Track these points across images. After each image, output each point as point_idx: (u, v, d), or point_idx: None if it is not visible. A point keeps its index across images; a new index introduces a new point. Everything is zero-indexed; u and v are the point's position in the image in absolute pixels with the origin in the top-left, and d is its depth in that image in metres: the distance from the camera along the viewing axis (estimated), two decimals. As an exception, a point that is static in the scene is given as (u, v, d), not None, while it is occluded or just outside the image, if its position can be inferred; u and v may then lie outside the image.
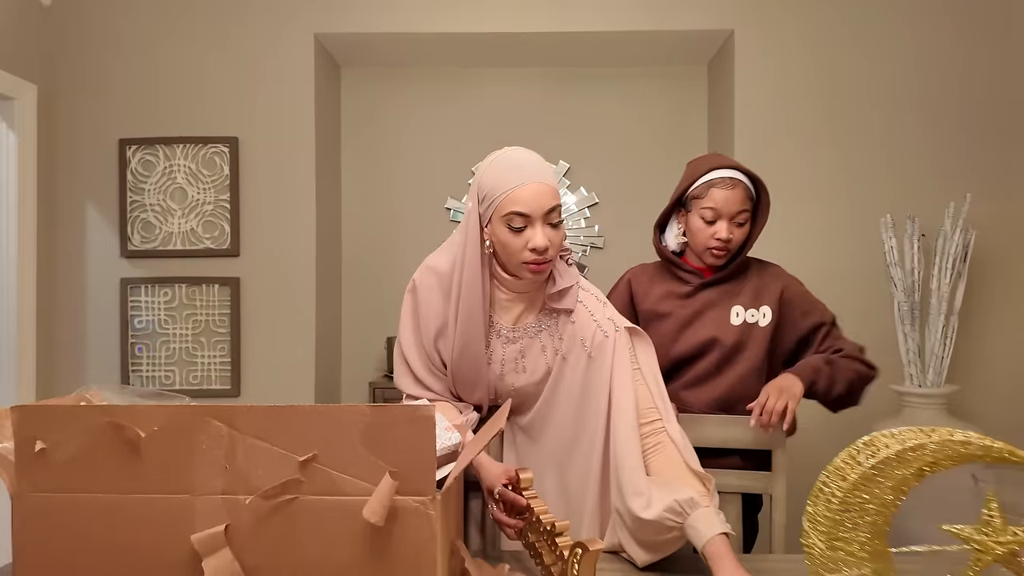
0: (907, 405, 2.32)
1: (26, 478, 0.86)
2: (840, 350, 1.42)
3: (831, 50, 2.56)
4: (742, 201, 1.39)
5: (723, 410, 1.43)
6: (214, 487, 0.84)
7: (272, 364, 2.64)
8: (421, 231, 3.03)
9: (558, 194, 1.14)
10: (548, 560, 0.98)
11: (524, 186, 1.09)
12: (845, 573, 0.65)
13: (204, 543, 0.82)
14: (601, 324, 1.19)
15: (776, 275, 1.50)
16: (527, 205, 1.09)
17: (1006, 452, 0.59)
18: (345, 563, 0.82)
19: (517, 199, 1.09)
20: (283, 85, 2.63)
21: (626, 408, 1.13)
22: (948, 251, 2.27)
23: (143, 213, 2.63)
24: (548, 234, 1.11)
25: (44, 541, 0.86)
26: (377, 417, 0.82)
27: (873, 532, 0.65)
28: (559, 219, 1.14)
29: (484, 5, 2.61)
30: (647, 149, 2.99)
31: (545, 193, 1.10)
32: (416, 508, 0.82)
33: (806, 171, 2.57)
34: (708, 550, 0.93)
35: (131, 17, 2.63)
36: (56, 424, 0.86)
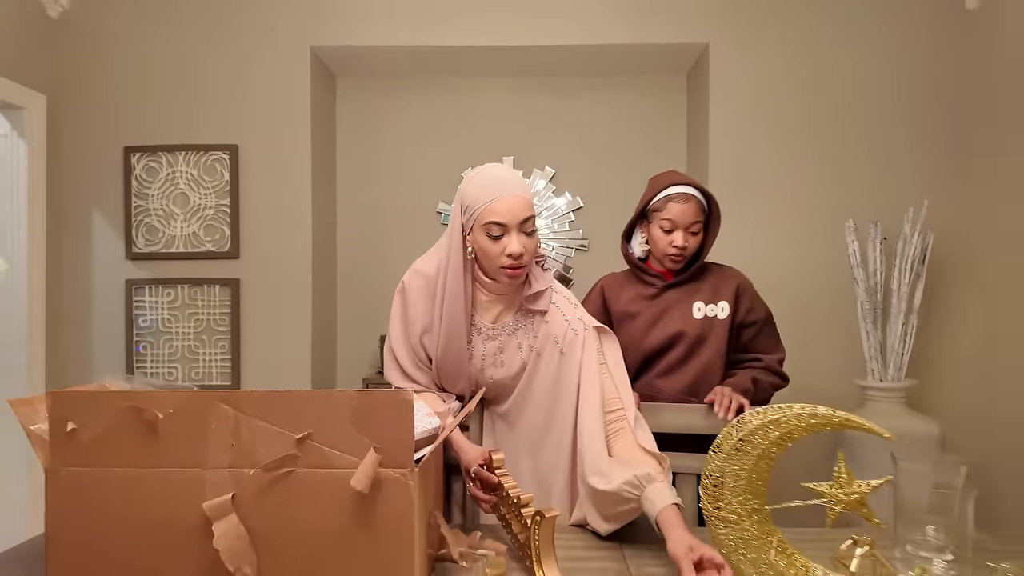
0: (869, 399, 2.46)
1: (59, 455, 0.99)
2: (760, 359, 1.62)
3: (799, 66, 2.70)
4: (695, 213, 1.54)
5: (692, 394, 1.59)
6: (222, 461, 0.97)
7: (270, 361, 2.77)
8: (413, 233, 3.16)
9: (532, 206, 1.27)
10: (516, 529, 1.11)
11: (502, 199, 1.23)
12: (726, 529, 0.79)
13: (214, 510, 0.95)
14: (572, 323, 1.32)
15: (731, 275, 1.65)
16: (504, 215, 1.22)
17: (845, 419, 0.73)
18: (335, 526, 0.95)
19: (495, 210, 1.22)
20: (281, 95, 2.76)
21: (592, 398, 1.26)
22: (908, 253, 2.41)
23: (147, 217, 2.76)
24: (523, 241, 1.24)
25: (74, 509, 0.99)
26: (363, 401, 0.96)
27: (750, 493, 0.79)
28: (533, 228, 1.27)
29: (475, 19, 2.74)
30: (630, 155, 3.13)
31: (520, 205, 1.24)
32: (396, 479, 0.95)
33: (776, 177, 2.71)
34: (660, 518, 1.06)
35: (135, 30, 2.76)
36: (85, 407, 1.00)
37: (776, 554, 0.86)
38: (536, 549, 1.01)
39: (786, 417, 0.80)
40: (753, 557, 0.86)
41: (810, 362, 2.64)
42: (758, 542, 0.86)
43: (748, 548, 0.86)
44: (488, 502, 1.20)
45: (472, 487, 1.22)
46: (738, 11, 2.70)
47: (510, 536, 1.14)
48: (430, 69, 3.06)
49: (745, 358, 1.64)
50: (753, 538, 0.86)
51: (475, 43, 2.76)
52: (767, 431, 0.82)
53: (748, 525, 0.85)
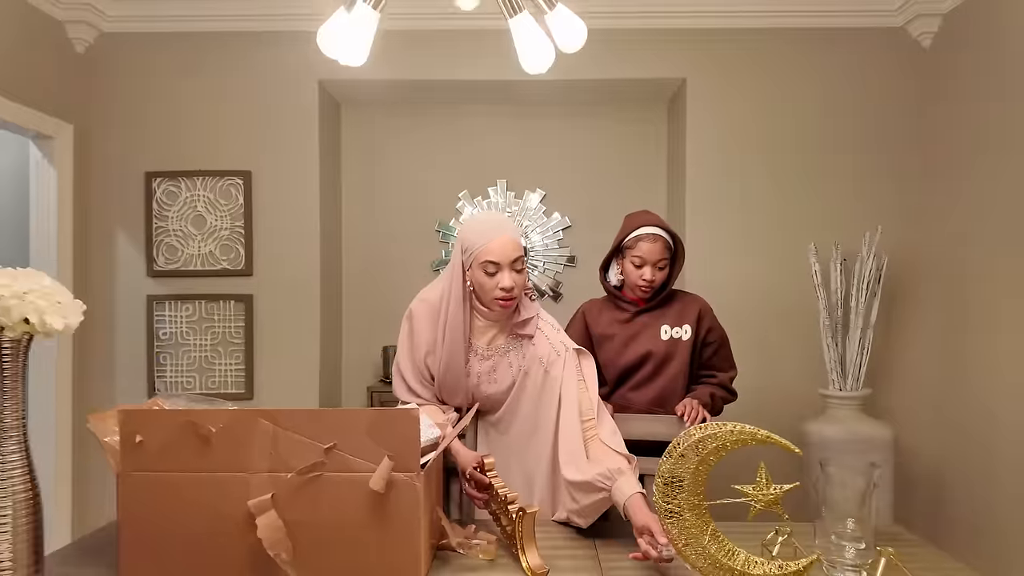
0: (830, 406, 2.69)
1: (128, 461, 1.21)
2: (715, 376, 1.86)
3: (768, 103, 2.93)
4: (662, 251, 1.78)
5: (659, 405, 1.83)
6: (263, 467, 1.19)
7: (282, 371, 2.99)
8: (413, 251, 3.38)
9: (521, 246, 1.50)
10: (504, 522, 1.34)
11: (495, 241, 1.45)
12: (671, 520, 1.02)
13: (257, 506, 1.17)
14: (555, 346, 1.55)
15: (694, 301, 1.89)
16: (498, 255, 1.45)
17: (766, 437, 0.95)
18: (355, 520, 1.17)
19: (491, 250, 1.45)
20: (291, 125, 2.98)
21: (571, 408, 1.49)
22: (864, 274, 2.65)
23: (167, 237, 2.98)
24: (513, 277, 1.47)
25: (141, 507, 1.21)
26: (378, 417, 1.18)
27: (691, 492, 1.01)
28: (522, 266, 1.50)
29: (471, 57, 2.96)
30: (614, 178, 3.36)
31: (511, 246, 1.47)
32: (406, 481, 1.17)
33: (748, 202, 2.94)
34: (628, 503, 1.26)
35: (156, 64, 2.97)
36: (150, 422, 1.22)
37: (709, 540, 1.08)
38: (520, 539, 1.23)
39: (720, 432, 1.02)
40: (693, 543, 1.08)
41: (777, 372, 2.88)
42: (697, 531, 1.08)
43: (689, 536, 1.08)
44: (481, 499, 1.42)
45: (467, 487, 1.45)
46: (712, 51, 2.93)
47: (500, 529, 1.37)
48: (429, 99, 3.29)
49: (702, 374, 1.88)
50: (693, 527, 1.08)
51: (471, 78, 2.98)
52: (706, 443, 1.04)
53: (689, 517, 1.07)
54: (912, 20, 2.84)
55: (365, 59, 1.15)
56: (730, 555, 1.07)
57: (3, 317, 1.08)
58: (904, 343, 2.89)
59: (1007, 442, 2.41)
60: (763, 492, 0.98)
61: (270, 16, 2.92)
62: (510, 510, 1.28)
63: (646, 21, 2.92)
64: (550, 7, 1.08)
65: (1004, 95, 2.44)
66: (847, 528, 1.29)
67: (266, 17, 2.93)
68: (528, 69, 1.17)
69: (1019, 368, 2.35)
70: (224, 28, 2.96)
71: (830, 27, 2.89)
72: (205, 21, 2.94)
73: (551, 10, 1.08)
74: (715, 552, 1.07)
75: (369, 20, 1.11)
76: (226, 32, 2.96)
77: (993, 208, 2.49)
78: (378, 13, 1.09)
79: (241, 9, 2.91)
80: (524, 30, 1.10)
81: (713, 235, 2.91)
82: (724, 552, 1.06)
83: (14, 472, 1.12)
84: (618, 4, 2.87)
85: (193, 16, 2.93)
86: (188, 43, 2.97)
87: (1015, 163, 2.39)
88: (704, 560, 1.07)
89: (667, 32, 2.93)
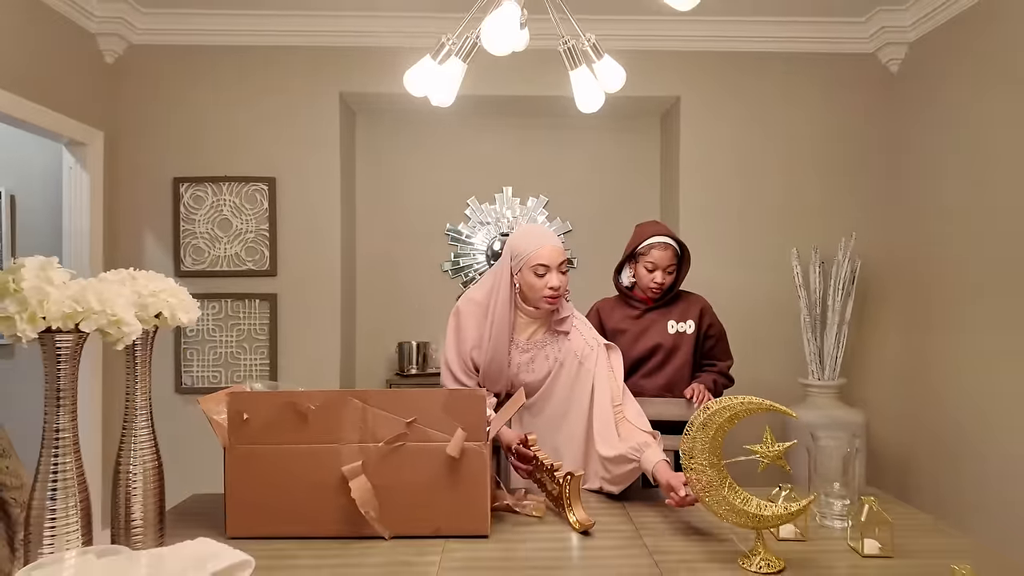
0: (809, 394, 2.99)
1: (234, 436, 1.42)
2: (715, 365, 2.13)
3: (754, 120, 3.23)
4: (671, 258, 2.04)
5: (667, 391, 2.09)
6: (353, 438, 1.41)
7: (304, 365, 3.18)
8: (424, 252, 3.60)
9: (565, 252, 1.74)
10: (550, 487, 1.57)
11: (544, 247, 1.70)
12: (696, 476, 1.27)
13: (349, 472, 1.39)
14: (588, 341, 1.79)
15: (696, 300, 2.16)
16: (548, 258, 1.69)
17: (769, 405, 1.21)
18: (433, 482, 1.39)
19: (541, 255, 1.69)
20: (313, 135, 3.17)
21: (604, 395, 1.72)
22: (840, 276, 2.95)
23: (194, 240, 3.15)
24: (560, 278, 1.71)
25: (246, 476, 1.41)
26: (452, 396, 1.41)
27: (711, 452, 1.27)
28: (566, 269, 1.74)
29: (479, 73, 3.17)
30: (612, 186, 3.63)
31: (558, 251, 1.71)
32: (475, 448, 1.40)
33: (736, 209, 3.23)
34: (655, 469, 1.50)
35: (184, 75, 3.14)
36: (255, 403, 1.42)
37: (728, 491, 1.33)
38: (567, 498, 1.47)
39: (733, 403, 1.27)
40: (714, 494, 1.33)
41: (762, 363, 3.17)
42: (717, 483, 1.34)
43: (710, 488, 1.34)
44: (525, 470, 1.66)
45: (513, 459, 1.68)
46: (704, 72, 3.21)
47: (546, 494, 1.60)
48: (440, 110, 3.50)
49: (704, 363, 2.15)
50: (714, 480, 1.33)
51: (480, 93, 3.21)
52: (722, 413, 1.29)
53: (711, 473, 1.32)
54: (882, 47, 3.16)
55: (452, 100, 1.36)
56: (745, 501, 1.32)
57: (141, 312, 1.28)
58: (875, 338, 3.21)
59: (965, 426, 2.73)
60: (769, 448, 1.24)
61: (294, 32, 3.11)
62: (557, 476, 1.52)
63: (644, 43, 3.19)
64: (598, 57, 1.32)
65: (962, 116, 2.77)
66: (834, 488, 1.57)
67: (290, 33, 3.12)
68: (583, 109, 1.41)
69: (975, 361, 2.68)
70: (250, 43, 3.13)
71: (809, 52, 3.20)
72: (231, 35, 3.12)
73: (599, 60, 1.32)
74: (732, 500, 1.32)
75: (458, 68, 1.33)
76: (251, 47, 3.14)
77: (953, 217, 2.81)
78: (466, 64, 1.31)
79: (266, 25, 3.10)
80: (582, 80, 1.34)
81: (704, 240, 3.19)
82: (740, 499, 1.32)
83: (144, 445, 1.32)
84: (619, 28, 3.13)
85: (220, 31, 3.10)
86: (215, 56, 3.14)
87: (973, 178, 2.71)
88: (723, 507, 1.32)
89: (662, 54, 3.21)
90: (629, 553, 1.28)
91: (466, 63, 1.31)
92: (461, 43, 1.30)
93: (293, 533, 1.39)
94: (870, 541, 1.30)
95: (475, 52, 1.29)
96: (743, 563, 1.23)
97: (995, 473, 2.56)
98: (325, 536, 1.39)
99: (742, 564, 1.23)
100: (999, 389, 2.55)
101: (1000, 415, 2.54)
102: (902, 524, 1.44)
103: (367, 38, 3.15)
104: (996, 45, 2.59)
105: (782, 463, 1.27)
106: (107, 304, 1.12)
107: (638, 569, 1.20)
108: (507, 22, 1.12)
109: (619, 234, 3.29)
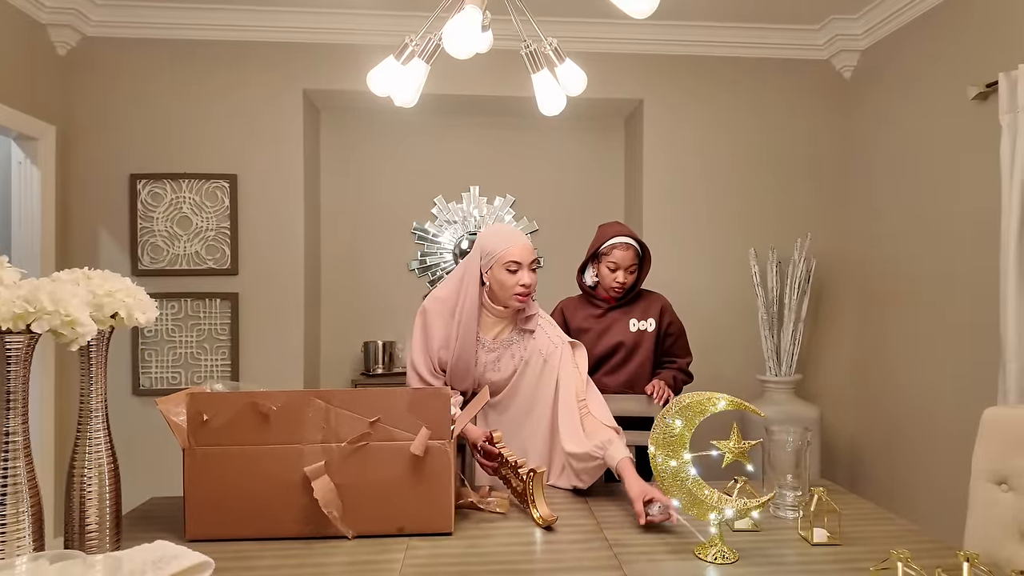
0: (767, 389, 3.09)
1: (194, 437, 1.40)
2: (675, 362, 2.18)
3: (714, 123, 3.31)
4: (632, 258, 2.09)
5: (629, 387, 2.13)
6: (316, 439, 1.41)
7: (266, 366, 3.13)
8: (389, 251, 3.58)
9: (535, 251, 1.76)
10: (515, 483, 1.59)
11: (516, 245, 1.72)
12: (662, 464, 1.31)
13: (312, 472, 1.39)
14: (552, 339, 1.82)
15: (657, 299, 2.21)
16: (519, 256, 1.72)
17: (732, 401, 1.26)
18: (397, 480, 1.40)
19: (513, 253, 1.72)
20: (276, 132, 3.12)
21: (569, 392, 1.75)
22: (796, 275, 3.05)
23: (152, 238, 3.07)
24: (531, 276, 1.74)
25: (205, 477, 1.40)
26: (416, 394, 1.42)
27: (679, 445, 1.30)
28: (537, 267, 1.76)
29: (444, 73, 3.18)
30: (577, 186, 3.67)
31: (529, 249, 1.74)
32: (440, 447, 1.41)
33: (697, 209, 3.31)
34: (619, 466, 1.54)
35: (142, 69, 3.06)
36: (215, 404, 1.41)
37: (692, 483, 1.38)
38: (531, 494, 1.49)
39: (699, 399, 1.31)
40: (678, 484, 1.37)
41: (722, 360, 3.26)
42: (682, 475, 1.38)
43: (675, 479, 1.37)
44: (490, 467, 1.67)
45: (479, 456, 1.70)
46: (666, 76, 3.28)
47: (509, 489, 1.63)
48: (406, 109, 3.48)
49: (664, 360, 2.20)
50: (680, 471, 1.37)
51: (445, 92, 3.21)
52: (690, 408, 1.33)
53: (675, 465, 1.36)
54: (835, 55, 3.28)
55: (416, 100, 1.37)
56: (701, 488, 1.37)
57: (96, 312, 1.26)
58: (829, 335, 3.32)
59: (911, 419, 2.86)
60: (736, 445, 1.28)
61: (256, 27, 3.06)
62: (520, 472, 1.55)
63: (607, 46, 3.23)
64: (560, 61, 1.34)
65: (909, 121, 2.89)
66: (787, 480, 1.63)
67: (252, 28, 3.07)
68: (545, 112, 1.43)
69: (918, 357, 2.80)
70: (210, 37, 3.07)
71: (767, 58, 3.29)
72: (191, 29, 3.05)
73: (560, 64, 1.34)
74: (694, 490, 1.36)
75: (421, 69, 1.33)
76: (213, 41, 3.08)
77: (899, 218, 2.93)
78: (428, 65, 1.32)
79: (228, 20, 3.04)
80: (544, 84, 1.36)
81: (666, 240, 3.26)
82: (702, 491, 1.36)
83: (101, 447, 1.29)
84: (583, 31, 3.17)
85: (180, 24, 3.03)
86: (174, 50, 3.07)
87: (918, 180, 2.83)
88: (686, 496, 1.36)
89: (626, 58, 3.26)
90: (590, 546, 1.31)
91: (429, 64, 1.31)
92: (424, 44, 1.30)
93: (254, 534, 1.38)
94: (819, 530, 1.36)
95: (438, 53, 1.30)
96: (700, 554, 1.27)
97: (935, 463, 2.69)
98: (288, 537, 1.38)
99: (699, 555, 1.27)
100: (939, 384, 2.67)
101: (939, 408, 2.67)
102: (849, 513, 1.51)
103: (331, 35, 3.12)
104: (939, 54, 2.71)
105: (745, 459, 1.32)
106: (61, 304, 1.10)
107: (599, 561, 1.23)
108: (469, 25, 1.13)
109: (584, 234, 3.33)
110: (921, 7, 2.80)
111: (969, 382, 2.53)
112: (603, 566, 1.21)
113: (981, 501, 1.31)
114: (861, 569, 1.19)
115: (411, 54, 1.29)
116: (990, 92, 2.44)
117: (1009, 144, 2.24)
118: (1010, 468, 1.27)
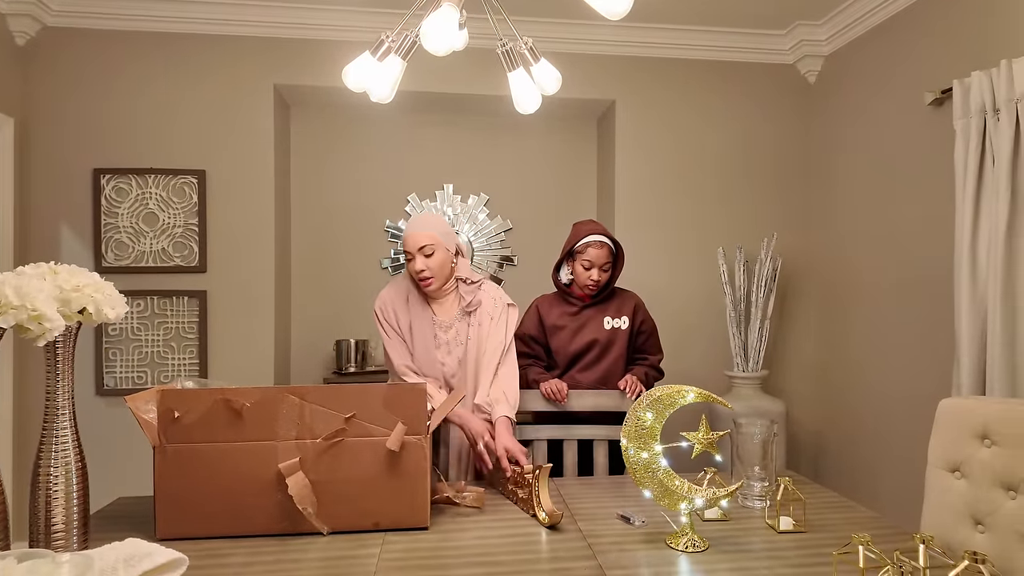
0: (735, 385, 3.16)
1: (165, 434, 1.38)
2: (647, 359, 2.22)
3: (684, 124, 3.37)
4: (607, 256, 2.12)
5: (602, 383, 2.16)
6: (291, 435, 1.40)
7: (236, 364, 3.08)
8: (360, 248, 3.55)
9: (430, 235, 1.80)
10: (522, 494, 1.57)
11: (408, 235, 1.82)
12: (635, 458, 1.34)
13: (286, 468, 1.38)
14: (496, 301, 1.91)
15: (630, 297, 2.25)
16: (409, 245, 1.81)
17: (700, 394, 1.29)
18: (373, 476, 1.41)
19: (405, 242, 1.82)
20: (246, 127, 3.08)
21: (496, 350, 1.86)
22: (763, 274, 3.13)
23: (116, 234, 3.00)
24: (424, 262, 1.80)
25: (177, 475, 1.38)
26: (392, 390, 1.42)
27: (650, 436, 1.34)
28: (431, 252, 1.80)
29: (416, 69, 3.18)
30: (551, 185, 3.70)
31: (416, 236, 1.80)
32: (416, 442, 1.42)
33: (666, 208, 3.37)
34: (496, 422, 1.70)
35: (106, 61, 2.98)
36: (186, 400, 1.39)
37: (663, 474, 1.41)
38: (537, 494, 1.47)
39: (672, 392, 1.34)
40: (649, 475, 1.40)
41: (691, 356, 3.32)
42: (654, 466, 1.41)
43: (647, 470, 1.40)
44: (486, 466, 1.69)
45: (480, 449, 1.70)
46: (638, 77, 3.33)
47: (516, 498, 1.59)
48: (379, 105, 3.47)
49: (637, 357, 2.24)
50: (651, 462, 1.40)
51: (420, 89, 3.21)
52: (664, 400, 1.36)
53: (647, 456, 1.39)
54: (800, 59, 3.37)
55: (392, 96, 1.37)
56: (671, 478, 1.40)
57: (63, 307, 1.23)
58: (794, 332, 3.42)
59: (872, 412, 2.96)
60: (705, 436, 1.32)
61: (226, 20, 3.01)
62: (526, 474, 1.51)
63: (581, 47, 3.27)
64: (535, 60, 1.36)
65: (870, 125, 2.99)
66: (755, 471, 1.68)
67: (222, 21, 3.02)
68: (521, 110, 1.44)
69: (880, 352, 2.91)
70: (178, 30, 3.01)
71: (735, 61, 3.37)
72: (158, 22, 2.99)
73: (536, 63, 1.36)
74: (665, 480, 1.39)
75: (398, 66, 1.33)
76: (181, 34, 3.02)
77: (860, 220, 3.03)
78: (405, 62, 1.32)
79: (196, 12, 2.98)
80: (519, 82, 1.37)
81: (638, 238, 3.31)
82: (673, 481, 1.39)
83: (68, 445, 1.27)
84: (557, 32, 3.20)
85: (146, 16, 2.97)
86: (140, 42, 3.00)
87: (878, 182, 2.93)
88: (657, 487, 1.39)
89: (599, 58, 3.30)
90: (564, 537, 1.33)
91: (406, 61, 1.32)
92: (401, 41, 1.31)
93: (228, 532, 1.37)
94: (785, 518, 1.41)
95: (415, 50, 1.31)
96: (671, 543, 1.30)
97: (895, 453, 2.79)
98: (262, 534, 1.37)
99: (670, 543, 1.30)
100: (898, 378, 2.77)
101: (898, 401, 2.77)
102: (814, 502, 1.56)
103: (303, 30, 3.09)
104: (898, 60, 2.81)
105: (714, 449, 1.36)
106: (27, 299, 1.07)
107: (573, 552, 1.26)
108: (446, 23, 1.14)
109: (559, 232, 3.37)
110: (882, 15, 2.90)
111: (925, 376, 2.63)
112: (577, 556, 1.23)
113: (936, 488, 1.38)
114: (825, 554, 1.23)
115: (387, 50, 1.29)
116: (945, 98, 2.54)
117: (963, 148, 2.33)
118: (963, 456, 1.33)
